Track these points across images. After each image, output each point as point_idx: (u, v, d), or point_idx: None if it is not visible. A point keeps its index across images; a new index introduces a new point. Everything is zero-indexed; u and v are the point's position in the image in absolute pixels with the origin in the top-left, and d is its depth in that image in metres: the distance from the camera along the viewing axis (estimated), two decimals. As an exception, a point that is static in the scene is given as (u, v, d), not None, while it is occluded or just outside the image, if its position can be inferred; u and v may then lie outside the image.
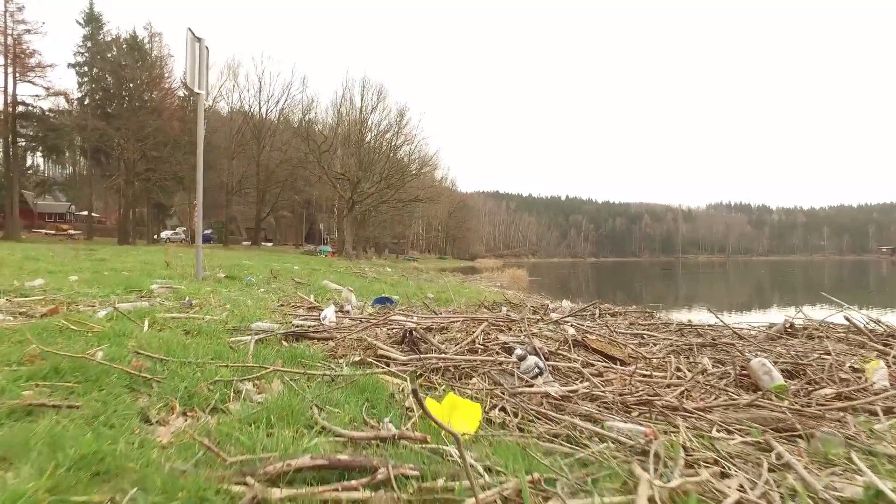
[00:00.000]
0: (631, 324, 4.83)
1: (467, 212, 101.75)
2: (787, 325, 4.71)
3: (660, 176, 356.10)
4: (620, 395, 2.29)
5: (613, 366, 2.88)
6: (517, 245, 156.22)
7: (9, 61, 34.23)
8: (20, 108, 36.12)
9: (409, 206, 45.46)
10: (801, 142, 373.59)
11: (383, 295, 7.03)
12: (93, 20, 41.27)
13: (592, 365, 2.87)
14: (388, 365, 2.78)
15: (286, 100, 49.55)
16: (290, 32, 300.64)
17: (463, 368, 2.67)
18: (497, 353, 2.94)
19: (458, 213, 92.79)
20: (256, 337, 3.21)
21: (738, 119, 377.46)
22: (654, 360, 3.08)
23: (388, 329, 3.55)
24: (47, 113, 38.09)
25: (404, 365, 2.74)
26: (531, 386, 2.37)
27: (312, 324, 3.94)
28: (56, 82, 37.45)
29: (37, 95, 36.52)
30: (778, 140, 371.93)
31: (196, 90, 7.52)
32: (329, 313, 4.08)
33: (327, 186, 43.13)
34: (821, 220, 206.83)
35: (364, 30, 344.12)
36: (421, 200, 43.85)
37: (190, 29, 7.08)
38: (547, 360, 2.67)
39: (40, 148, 39.57)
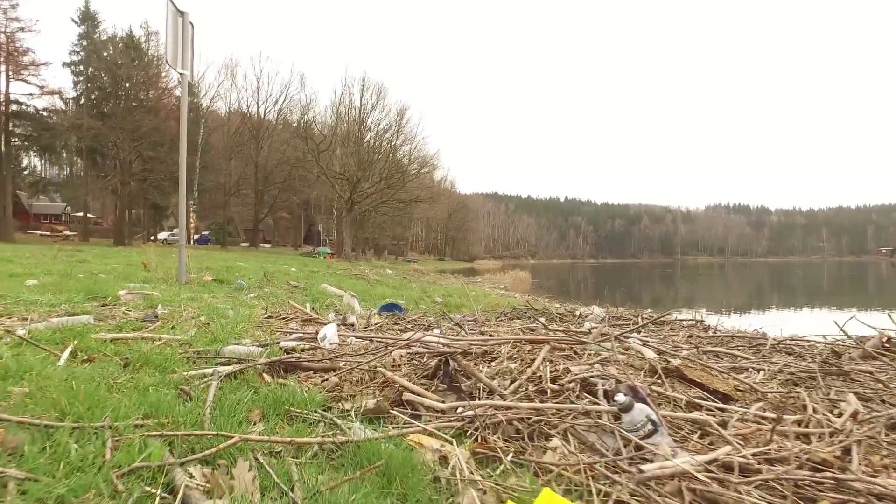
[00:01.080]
0: (690, 336, 4.00)
1: (466, 213, 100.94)
2: (885, 340, 3.88)
3: (659, 177, 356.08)
4: (786, 459, 1.46)
5: (726, 406, 2.04)
6: (516, 246, 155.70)
7: (1, 59, 33.47)
8: (13, 107, 35.40)
9: (409, 207, 44.68)
10: (800, 143, 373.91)
11: (389, 301, 6.22)
12: (88, 18, 40.59)
13: (699, 406, 2.05)
14: (417, 416, 1.92)
15: (284, 100, 48.87)
16: (289, 30, 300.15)
17: (533, 422, 1.78)
18: (576, 394, 2.04)
19: (457, 215, 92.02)
20: (226, 371, 2.23)
21: (736, 120, 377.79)
22: (770, 395, 2.24)
23: (409, 352, 2.66)
24: (41, 112, 37.44)
25: (442, 413, 1.89)
26: (642, 452, 1.48)
27: (308, 346, 3.06)
28: (51, 81, 36.84)
29: (30, 94, 35.88)
30: (776, 141, 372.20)
31: (179, 70, 6.65)
32: (329, 332, 3.16)
33: (326, 186, 42.39)
34: (819, 221, 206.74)
35: (362, 30, 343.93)
36: (422, 201, 43.06)
37: (171, 0, 6.26)
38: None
39: (34, 147, 38.80)
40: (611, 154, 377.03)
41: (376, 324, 3.91)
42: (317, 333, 3.29)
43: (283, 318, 3.95)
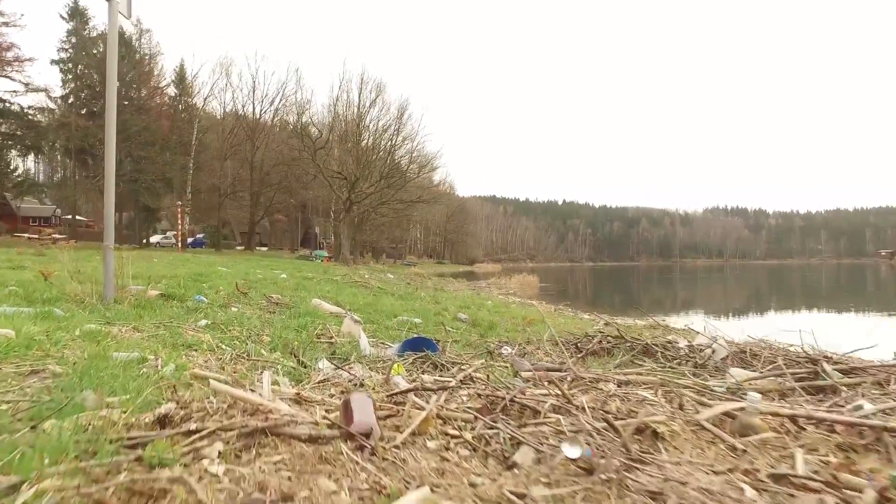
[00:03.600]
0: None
1: (465, 216, 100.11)
2: None
3: (657, 180, 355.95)
4: None
5: None
6: (515, 249, 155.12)
7: (-17, 55, 32.24)
8: (-4, 105, 34.16)
9: (410, 208, 43.40)
10: (797, 146, 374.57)
11: (414, 333, 4.60)
12: (77, 14, 39.46)
13: None
14: None
15: (281, 99, 47.71)
16: (286, 25, 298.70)
17: None
18: None
19: (456, 217, 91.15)
20: None
21: (733, 123, 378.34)
22: None
23: None
24: (27, 110, 36.25)
25: None
26: None
27: None
28: (38, 79, 35.70)
29: (14, 91, 34.68)
30: (774, 144, 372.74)
31: (103, -8, 4.74)
32: None
33: (323, 188, 41.22)
34: (818, 223, 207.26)
35: (358, 31, 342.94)
36: (424, 201, 41.73)
37: None
38: None
39: (18, 147, 37.52)
40: (608, 157, 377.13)
41: (406, 391, 2.00)
42: None
43: (191, 433, 1.55)
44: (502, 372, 2.81)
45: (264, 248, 57.01)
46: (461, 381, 2.34)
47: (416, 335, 4.05)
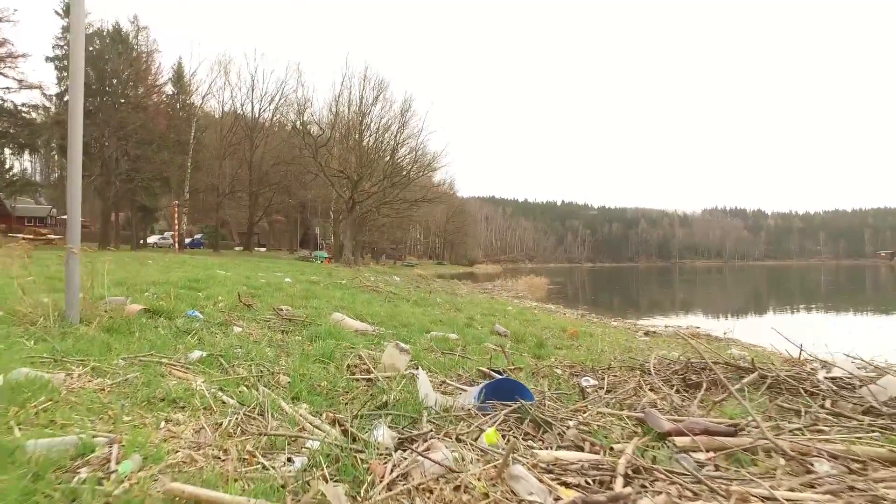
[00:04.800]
0: None
1: (465, 217, 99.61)
2: None
3: (655, 181, 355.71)
4: None
5: None
6: (514, 250, 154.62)
7: (-25, 51, 31.51)
8: (-12, 102, 33.41)
9: (412, 208, 42.59)
10: (795, 147, 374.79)
11: (489, 367, 3.54)
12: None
13: None
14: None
15: (280, 98, 46.91)
16: (285, 21, 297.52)
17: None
18: None
19: (455, 218, 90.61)
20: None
21: (732, 124, 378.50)
22: None
23: None
24: (20, 107, 35.53)
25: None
26: None
27: None
28: (33, 76, 34.97)
29: (7, 88, 33.96)
30: (772, 145, 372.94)
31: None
32: None
33: (324, 188, 40.53)
34: (816, 224, 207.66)
35: (358, 30, 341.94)
36: (427, 201, 40.97)
37: None
38: None
39: (11, 145, 36.75)
40: (607, 159, 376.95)
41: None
42: None
43: None
44: (620, 423, 1.99)
45: (263, 249, 56.34)
46: (627, 473, 1.47)
47: (492, 371, 3.15)
